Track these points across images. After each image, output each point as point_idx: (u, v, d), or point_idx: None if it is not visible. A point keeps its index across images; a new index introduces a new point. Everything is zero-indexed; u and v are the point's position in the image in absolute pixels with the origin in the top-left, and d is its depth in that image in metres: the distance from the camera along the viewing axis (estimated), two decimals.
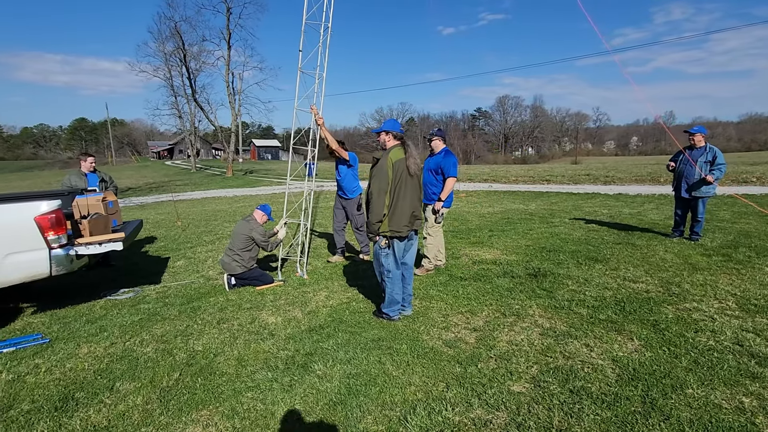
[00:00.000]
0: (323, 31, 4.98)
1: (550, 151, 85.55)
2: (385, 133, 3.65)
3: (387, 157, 3.48)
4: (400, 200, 3.46)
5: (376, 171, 3.48)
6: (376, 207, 3.40)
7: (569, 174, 19.90)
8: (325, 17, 4.96)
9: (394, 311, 3.70)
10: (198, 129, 42.47)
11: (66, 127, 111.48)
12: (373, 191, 3.43)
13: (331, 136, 5.09)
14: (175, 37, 32.45)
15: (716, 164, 5.78)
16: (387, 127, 3.66)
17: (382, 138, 3.66)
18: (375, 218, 3.42)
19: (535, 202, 11.55)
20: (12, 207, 3.73)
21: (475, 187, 16.50)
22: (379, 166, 3.48)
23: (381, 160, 3.51)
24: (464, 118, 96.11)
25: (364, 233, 5.71)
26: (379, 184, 3.42)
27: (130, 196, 19.35)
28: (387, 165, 3.45)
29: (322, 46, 5.01)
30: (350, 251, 6.27)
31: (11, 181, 36.82)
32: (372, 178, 3.48)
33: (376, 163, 3.54)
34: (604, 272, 4.80)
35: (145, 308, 4.37)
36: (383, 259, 3.58)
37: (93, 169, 6.20)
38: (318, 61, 5.07)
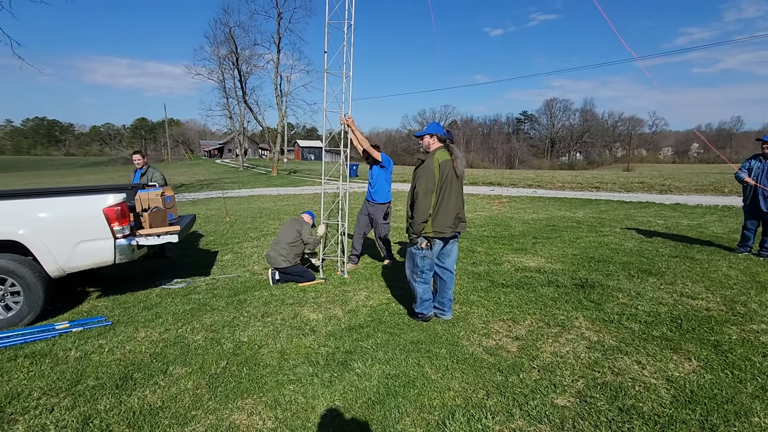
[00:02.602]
0: (347, 30, 4.95)
1: (600, 157, 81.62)
2: (429, 136, 3.63)
3: (433, 157, 3.48)
4: (445, 201, 3.45)
5: (421, 172, 3.47)
6: (423, 206, 3.39)
7: (621, 181, 18.91)
8: (347, 15, 4.93)
9: (427, 308, 3.70)
10: (246, 129, 44.27)
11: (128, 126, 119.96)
12: (419, 191, 3.42)
13: (363, 137, 5.11)
14: (229, 42, 34.04)
15: None
16: (431, 130, 3.64)
17: (426, 141, 3.65)
18: (421, 218, 3.40)
19: (583, 209, 11.07)
20: (84, 199, 4.08)
21: (519, 193, 16.07)
22: (425, 167, 3.46)
23: (427, 161, 3.50)
24: (509, 122, 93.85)
25: (388, 243, 5.67)
26: (426, 183, 3.41)
27: (183, 192, 20.49)
28: (434, 165, 3.44)
29: (347, 45, 4.98)
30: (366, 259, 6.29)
31: (81, 175, 40.09)
32: (418, 178, 3.48)
33: (421, 164, 3.54)
34: (658, 286, 4.52)
35: (195, 298, 4.61)
36: (419, 261, 3.55)
37: (142, 165, 6.49)
38: (344, 60, 5.02)
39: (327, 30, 4.91)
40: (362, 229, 5.59)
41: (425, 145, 3.66)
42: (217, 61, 35.87)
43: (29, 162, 69.46)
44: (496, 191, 16.77)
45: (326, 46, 4.92)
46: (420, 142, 3.72)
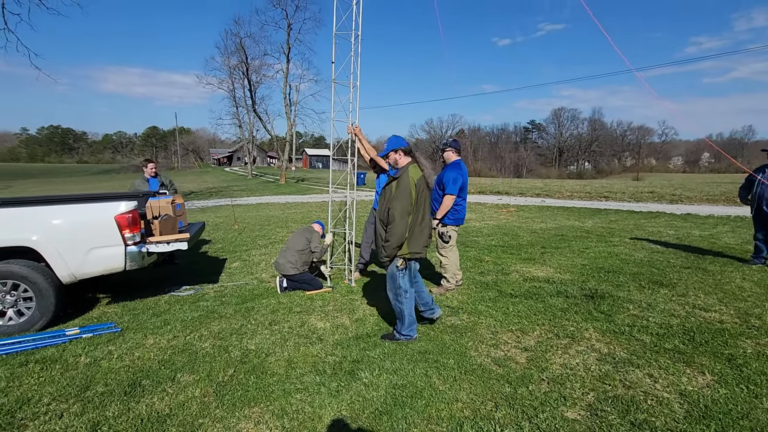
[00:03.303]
0: (354, 41, 5.03)
1: (609, 167, 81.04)
2: (394, 152, 3.43)
3: (407, 175, 3.29)
4: (419, 220, 3.32)
5: (397, 192, 3.26)
6: (399, 229, 3.21)
7: (630, 191, 18.74)
8: (354, 26, 5.01)
9: (414, 330, 3.60)
10: (255, 138, 44.77)
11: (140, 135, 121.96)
12: (395, 212, 3.22)
13: (370, 146, 5.15)
14: (240, 52, 34.63)
15: None
16: (394, 145, 3.42)
17: (392, 158, 3.45)
18: (397, 241, 3.24)
19: (592, 219, 10.97)
20: (96, 206, 4.14)
21: (526, 202, 15.99)
22: (402, 187, 3.26)
23: (401, 178, 3.29)
24: (516, 131, 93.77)
25: None
26: (403, 204, 3.23)
27: (192, 200, 20.70)
28: (410, 184, 3.26)
29: (354, 55, 5.06)
30: None
31: (93, 182, 40.72)
32: (393, 199, 3.26)
33: (392, 182, 3.34)
34: (670, 298, 4.45)
35: (204, 305, 4.64)
36: (401, 281, 3.42)
37: (154, 173, 6.70)
38: (351, 69, 5.11)
39: (335, 41, 4.99)
40: (370, 238, 5.59)
41: (392, 162, 3.47)
42: (228, 70, 36.50)
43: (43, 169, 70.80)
44: (503, 200, 16.70)
45: (334, 56, 5.00)
46: (387, 161, 3.52)
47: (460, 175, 4.52)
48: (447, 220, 4.61)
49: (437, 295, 4.73)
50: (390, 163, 3.48)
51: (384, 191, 3.41)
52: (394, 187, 3.31)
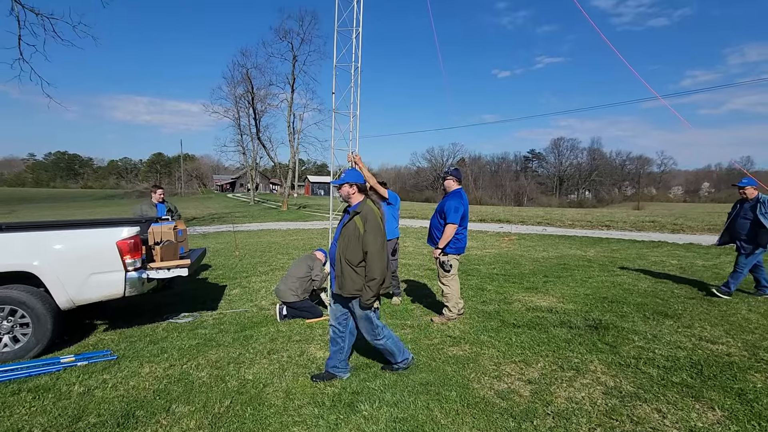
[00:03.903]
0: (354, 72, 5.20)
1: (610, 195, 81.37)
2: (348, 186, 3.29)
3: (372, 210, 3.20)
4: (386, 255, 3.21)
5: (369, 227, 3.11)
6: (383, 264, 3.11)
7: (632, 220, 18.74)
8: (354, 58, 5.19)
9: (407, 352, 3.54)
10: (259, 165, 45.33)
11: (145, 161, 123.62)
12: (372, 249, 3.07)
13: (370, 174, 5.21)
14: (246, 82, 35.58)
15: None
16: (350, 178, 3.29)
17: (345, 191, 3.29)
18: (381, 277, 3.11)
19: (594, 248, 10.93)
20: (99, 232, 4.16)
21: (528, 230, 15.98)
22: (371, 221, 3.13)
23: (367, 214, 3.16)
24: (517, 160, 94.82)
25: (396, 278, 5.63)
26: (378, 239, 3.10)
27: (194, 225, 20.76)
28: (377, 219, 3.18)
29: (354, 86, 5.22)
30: None
31: (96, 207, 40.95)
32: (365, 234, 3.09)
33: (354, 217, 3.17)
34: (675, 329, 4.38)
35: (202, 333, 4.57)
36: (374, 319, 3.30)
37: (162, 199, 6.83)
38: (351, 99, 5.26)
39: (335, 73, 5.16)
40: None
41: (344, 195, 3.32)
42: (234, 100, 37.39)
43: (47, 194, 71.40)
44: (504, 228, 16.70)
45: (334, 87, 5.17)
46: (339, 191, 3.39)
47: (461, 204, 4.54)
48: (448, 249, 4.61)
49: (439, 324, 4.66)
50: (342, 195, 3.34)
51: (345, 229, 3.19)
52: (361, 223, 3.13)
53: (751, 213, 5.52)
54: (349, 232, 3.15)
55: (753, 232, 5.52)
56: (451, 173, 4.75)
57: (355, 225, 3.14)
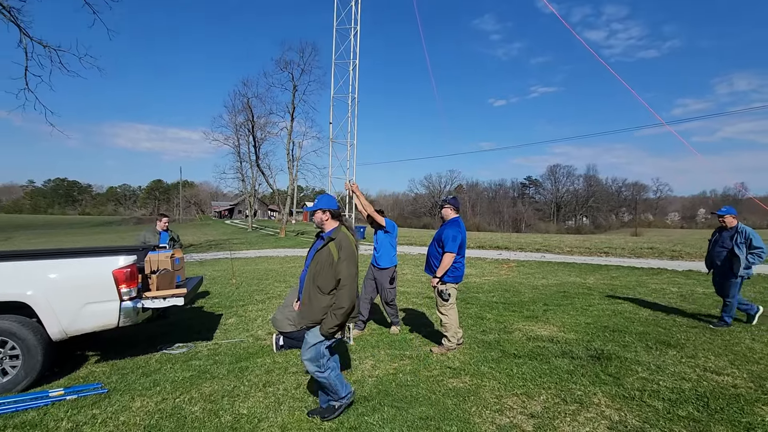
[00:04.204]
0: (350, 103, 5.34)
1: (607, 222, 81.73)
2: (321, 212, 3.22)
3: (347, 237, 3.11)
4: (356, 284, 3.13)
5: (343, 254, 3.01)
6: (352, 293, 3.01)
7: (630, 246, 18.74)
8: (351, 89, 5.34)
9: (349, 386, 3.36)
10: (257, 191, 45.56)
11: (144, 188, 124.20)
12: (345, 277, 2.98)
13: (367, 202, 5.24)
14: (246, 111, 36.20)
15: (754, 248, 5.40)
16: (323, 204, 3.22)
17: (318, 217, 3.23)
18: (350, 307, 3.01)
19: (593, 275, 10.88)
20: (95, 260, 4.12)
21: (527, 257, 15.93)
22: (345, 249, 3.03)
23: (341, 241, 3.07)
24: (514, 186, 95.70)
25: (395, 307, 5.58)
26: (350, 267, 3.01)
27: (191, 252, 20.62)
28: (351, 246, 3.08)
29: (351, 116, 5.34)
30: None
31: (93, 234, 40.76)
32: (339, 262, 3.00)
33: (329, 244, 3.08)
34: (679, 359, 4.30)
35: (196, 365, 4.46)
36: (324, 350, 3.11)
37: (166, 228, 6.88)
38: (348, 129, 5.37)
39: (332, 104, 5.30)
40: (368, 294, 5.51)
41: (317, 222, 3.25)
42: (234, 128, 37.94)
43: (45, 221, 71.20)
44: (503, 255, 16.65)
45: (331, 117, 5.30)
46: (313, 218, 3.31)
47: (459, 232, 4.54)
48: (446, 277, 4.58)
49: (438, 354, 4.58)
50: (315, 222, 3.27)
51: (318, 255, 3.09)
52: (336, 250, 3.03)
53: (729, 242, 5.58)
54: (323, 258, 3.06)
55: (729, 261, 5.56)
56: (449, 202, 4.78)
57: (329, 251, 3.04)
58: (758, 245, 5.39)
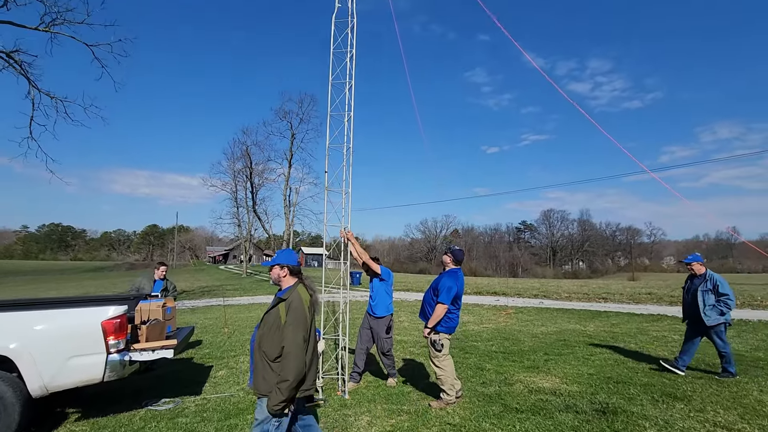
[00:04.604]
0: (346, 152, 5.50)
1: (604, 266, 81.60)
2: (279, 267, 2.94)
3: (299, 297, 2.79)
4: (309, 349, 2.78)
5: (291, 317, 2.69)
6: (299, 363, 2.61)
7: (628, 292, 18.59)
8: (346, 139, 5.51)
9: None
10: (253, 237, 45.45)
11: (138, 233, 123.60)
12: (291, 343, 2.61)
13: (362, 249, 5.25)
14: (245, 158, 37.02)
15: (720, 296, 5.38)
16: (281, 260, 2.96)
17: (275, 273, 2.96)
18: (296, 379, 2.60)
19: (593, 322, 10.69)
20: (85, 311, 4.02)
21: (525, 303, 15.71)
22: (294, 311, 2.71)
23: (292, 301, 2.76)
24: (509, 231, 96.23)
25: (391, 358, 5.41)
26: (298, 332, 2.65)
27: (183, 299, 20.18)
28: (303, 308, 2.75)
29: (346, 165, 5.48)
30: None
31: (84, 280, 40.02)
32: (286, 326, 2.66)
33: (279, 305, 2.78)
34: (687, 413, 4.14)
35: (182, 422, 4.23)
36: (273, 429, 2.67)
37: (163, 276, 6.81)
38: (344, 177, 5.49)
39: (327, 154, 5.45)
40: (364, 344, 5.37)
41: (274, 278, 2.98)
42: (232, 174, 38.58)
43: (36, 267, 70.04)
44: (501, 301, 16.42)
45: (327, 167, 5.42)
46: (269, 273, 3.04)
47: (455, 284, 4.48)
48: (439, 327, 4.49)
49: (437, 409, 4.38)
50: (272, 279, 3.01)
51: (267, 316, 2.81)
52: (284, 312, 2.73)
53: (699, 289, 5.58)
54: (270, 320, 2.76)
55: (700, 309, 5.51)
56: (452, 251, 4.70)
57: (277, 313, 2.75)
58: (724, 292, 5.37)
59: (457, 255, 4.69)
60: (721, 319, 5.41)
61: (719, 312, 5.40)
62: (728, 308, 5.37)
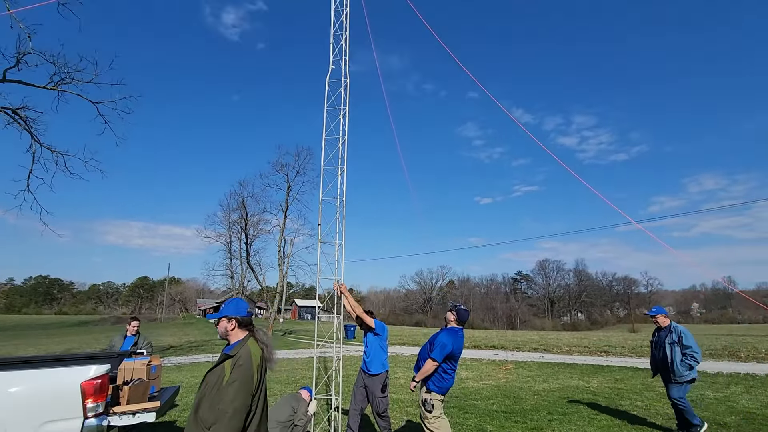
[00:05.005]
0: (339, 205, 5.58)
1: (603, 317, 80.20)
2: (227, 320, 2.60)
3: (248, 354, 2.45)
4: (257, 415, 2.43)
5: (235, 375, 2.36)
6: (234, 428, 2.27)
7: (629, 344, 18.14)
8: (339, 192, 5.62)
9: None
10: (246, 288, 44.57)
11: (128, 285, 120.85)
12: (228, 407, 2.28)
13: (356, 303, 5.16)
14: (241, 209, 37.18)
15: (686, 348, 5.27)
16: (228, 311, 2.63)
17: (223, 326, 2.60)
18: None
19: (596, 378, 10.30)
20: (64, 371, 3.81)
21: (524, 357, 15.21)
22: (241, 369, 2.38)
23: (240, 357, 2.43)
24: (505, 281, 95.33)
25: (387, 419, 5.11)
26: (239, 394, 2.32)
27: (170, 355, 19.32)
28: (251, 368, 2.41)
29: (339, 217, 5.55)
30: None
31: (66, 335, 38.43)
32: (227, 386, 2.34)
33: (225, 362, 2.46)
34: None
35: None
36: None
37: (135, 332, 6.50)
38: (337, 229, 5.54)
39: (321, 206, 5.53)
40: (359, 404, 5.09)
41: (221, 332, 2.63)
42: (227, 225, 38.57)
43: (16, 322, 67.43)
44: (500, 356, 15.89)
45: (320, 219, 5.48)
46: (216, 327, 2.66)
47: (452, 342, 4.24)
48: (432, 386, 4.26)
49: None
50: (219, 332, 2.65)
51: (209, 375, 2.48)
52: (229, 370, 2.39)
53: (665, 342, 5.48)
54: (213, 380, 2.42)
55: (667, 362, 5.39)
56: (458, 310, 4.47)
57: (222, 371, 2.40)
58: (688, 344, 5.27)
59: (461, 315, 4.45)
60: (691, 374, 5.27)
61: (687, 367, 5.25)
62: (696, 361, 5.23)
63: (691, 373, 5.26)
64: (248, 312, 2.67)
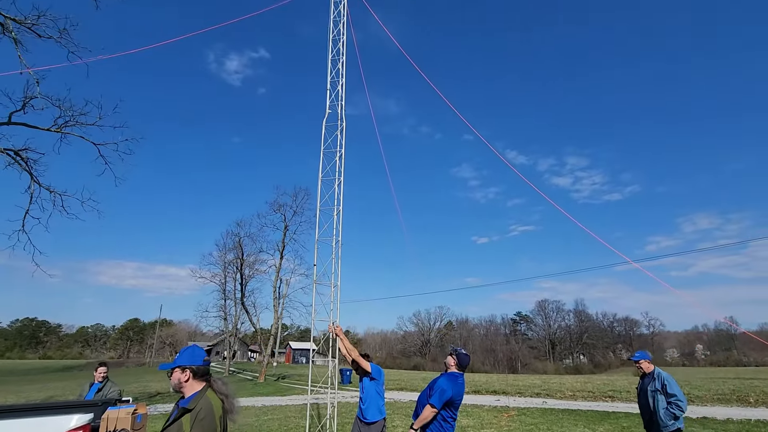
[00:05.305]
0: (335, 245, 5.59)
1: (605, 360, 78.02)
2: (180, 370, 2.44)
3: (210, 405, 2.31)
4: None
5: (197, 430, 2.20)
6: None
7: (635, 389, 17.52)
8: (335, 233, 5.65)
9: None
10: (239, 331, 43.44)
11: (118, 327, 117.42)
12: None
13: (351, 345, 5.02)
14: (237, 249, 36.94)
15: (669, 396, 5.10)
16: (182, 361, 2.46)
17: (176, 378, 2.44)
18: None
19: (603, 425, 9.87)
20: (45, 420, 3.64)
21: (527, 403, 14.62)
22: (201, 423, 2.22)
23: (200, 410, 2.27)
24: (504, 323, 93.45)
25: None
26: None
27: (157, 403, 18.44)
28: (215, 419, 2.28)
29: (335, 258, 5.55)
30: None
31: (50, 381, 36.85)
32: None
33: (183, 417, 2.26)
34: None
35: None
36: None
37: (103, 378, 6.21)
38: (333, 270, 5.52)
39: (316, 247, 5.54)
40: None
41: (174, 384, 2.47)
42: (222, 265, 38.16)
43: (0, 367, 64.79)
44: (501, 402, 15.28)
45: (315, 260, 5.47)
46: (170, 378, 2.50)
47: (451, 388, 4.07)
48: None
49: None
50: (172, 384, 2.47)
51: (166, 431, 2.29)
52: (188, 425, 2.21)
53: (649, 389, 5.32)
54: None
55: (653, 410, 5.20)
56: (458, 354, 4.32)
57: (179, 428, 2.20)
58: (672, 392, 5.08)
59: (462, 360, 4.27)
60: (676, 424, 5.04)
61: (672, 416, 5.03)
62: (681, 411, 5.02)
63: (677, 423, 5.02)
64: (205, 361, 2.51)
